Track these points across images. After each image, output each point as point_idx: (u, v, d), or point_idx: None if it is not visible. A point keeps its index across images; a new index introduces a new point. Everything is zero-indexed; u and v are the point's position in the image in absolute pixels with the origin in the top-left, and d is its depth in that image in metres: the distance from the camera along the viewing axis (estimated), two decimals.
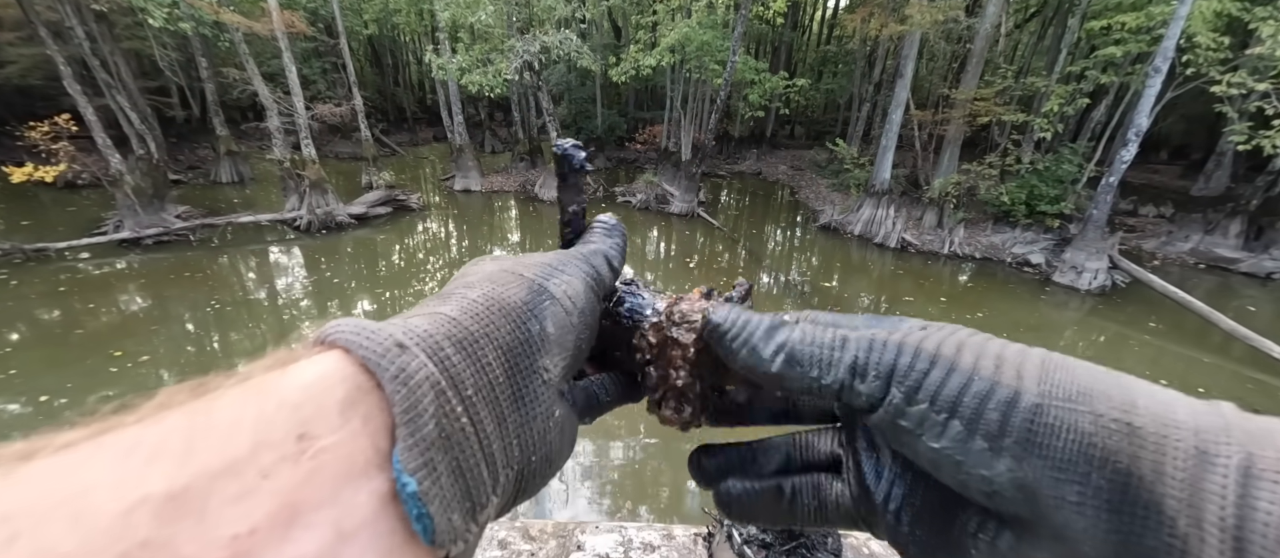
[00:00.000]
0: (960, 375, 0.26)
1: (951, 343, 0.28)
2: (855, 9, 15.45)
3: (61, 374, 5.95)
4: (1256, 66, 9.50)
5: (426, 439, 0.21)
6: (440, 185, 16.88)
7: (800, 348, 0.30)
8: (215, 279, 8.91)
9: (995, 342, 0.28)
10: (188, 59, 16.86)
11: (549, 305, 0.30)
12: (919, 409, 0.27)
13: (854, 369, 0.29)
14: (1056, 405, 0.24)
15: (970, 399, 0.26)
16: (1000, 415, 0.25)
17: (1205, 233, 12.08)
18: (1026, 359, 0.27)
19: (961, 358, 0.27)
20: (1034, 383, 0.25)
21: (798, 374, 0.30)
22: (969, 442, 0.26)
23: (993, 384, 0.26)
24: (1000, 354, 0.27)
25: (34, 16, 9.19)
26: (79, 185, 13.26)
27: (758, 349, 0.31)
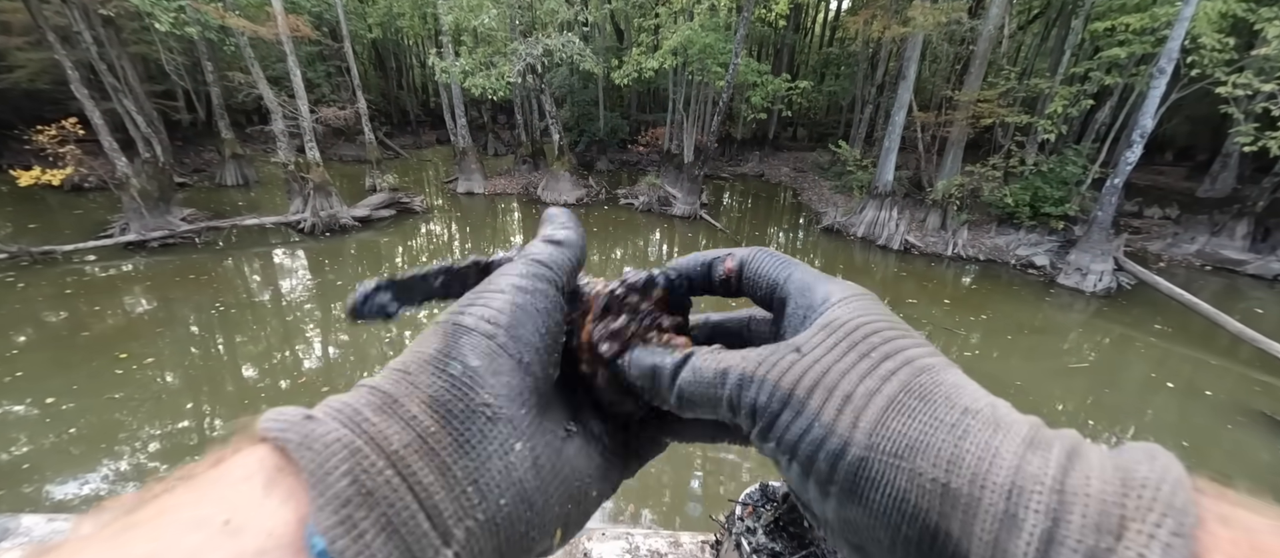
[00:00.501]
0: (803, 420, 0.27)
1: (809, 378, 0.28)
2: (857, 11, 15.46)
3: (67, 376, 5.98)
4: (1262, 68, 9.46)
5: (340, 497, 0.21)
6: (443, 188, 16.94)
7: (689, 389, 0.32)
8: (220, 282, 8.96)
9: (863, 373, 0.28)
10: (194, 63, 17.01)
11: (465, 340, 0.29)
12: (769, 447, 0.29)
13: (731, 405, 0.30)
14: (880, 460, 0.25)
15: (806, 446, 0.27)
16: (828, 466, 0.26)
17: (1211, 235, 11.99)
18: (873, 402, 0.26)
19: (811, 400, 0.27)
20: (866, 434, 0.26)
21: (697, 410, 0.32)
22: (804, 482, 0.28)
23: (826, 433, 0.26)
24: (849, 395, 0.27)
25: (42, 22, 9.28)
26: (86, 188, 13.37)
27: (662, 395, 0.33)
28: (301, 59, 14.86)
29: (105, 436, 5.18)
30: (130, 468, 4.82)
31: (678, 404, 0.33)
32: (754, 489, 1.37)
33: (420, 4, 19.05)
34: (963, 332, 8.29)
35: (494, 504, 0.26)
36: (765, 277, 0.37)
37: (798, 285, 0.35)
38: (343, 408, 0.25)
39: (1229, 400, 6.65)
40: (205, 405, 5.81)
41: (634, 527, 4.43)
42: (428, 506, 0.24)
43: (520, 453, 0.28)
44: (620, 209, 14.84)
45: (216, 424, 5.55)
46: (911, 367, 0.28)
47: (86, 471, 4.75)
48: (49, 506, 4.39)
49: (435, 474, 0.25)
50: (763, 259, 0.38)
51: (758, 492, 1.36)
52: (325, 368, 6.69)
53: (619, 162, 20.89)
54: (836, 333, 0.30)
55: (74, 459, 4.86)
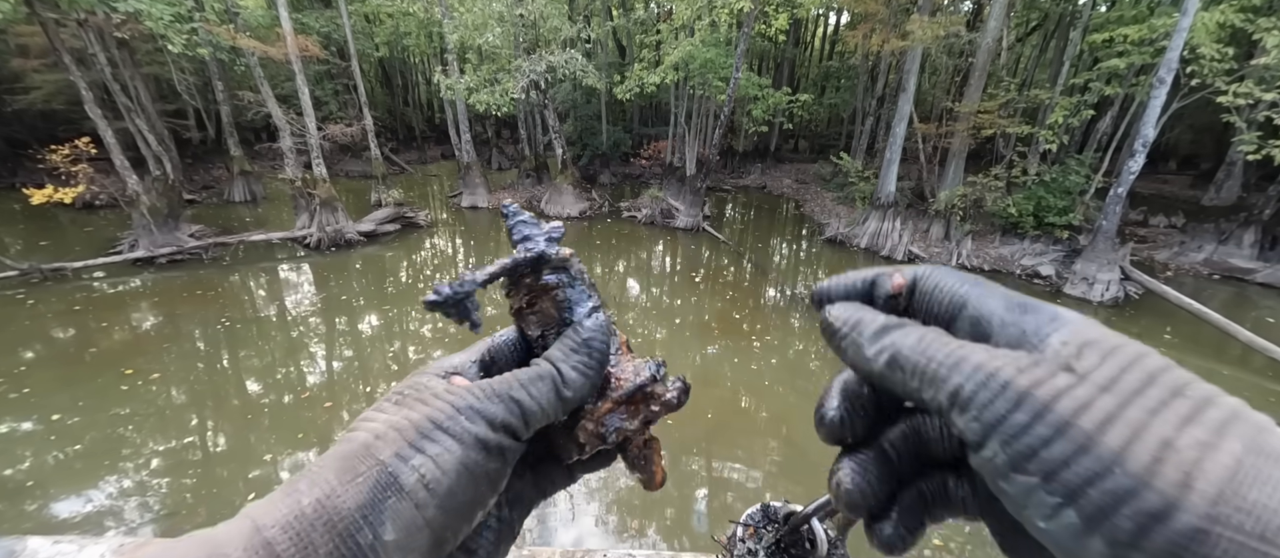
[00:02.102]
0: (1093, 460, 0.21)
1: (1099, 409, 0.21)
2: (857, 25, 15.64)
3: (74, 392, 6.01)
4: (1263, 76, 9.48)
5: None
6: (448, 202, 17.08)
7: (907, 355, 0.27)
8: (226, 297, 9.02)
9: (1181, 418, 0.21)
10: (205, 83, 17.36)
11: (392, 504, 0.26)
12: (1025, 482, 0.22)
13: (954, 398, 0.24)
14: (1229, 538, 0.18)
15: (1099, 495, 0.20)
16: (1136, 527, 0.20)
17: (1219, 243, 11.91)
18: (1212, 458, 0.20)
19: (1106, 437, 0.21)
20: (1206, 501, 0.19)
21: (898, 380, 0.27)
22: (1086, 538, 0.21)
23: (1138, 484, 0.20)
24: (1170, 442, 0.20)
25: (59, 44, 9.52)
26: (97, 206, 13.57)
27: (861, 347, 0.29)
28: (310, 78, 15.15)
29: (109, 452, 5.17)
30: (133, 485, 4.81)
31: (879, 368, 0.28)
32: (755, 510, 1.35)
33: (426, 23, 19.43)
34: None
35: None
36: (947, 292, 0.30)
37: (999, 304, 0.28)
38: (251, 530, 0.23)
39: None
40: (209, 421, 5.81)
41: (636, 549, 4.37)
42: None
43: None
44: (623, 222, 14.91)
45: (220, 441, 5.54)
46: (1246, 421, 0.21)
47: (90, 488, 4.74)
48: (52, 523, 4.37)
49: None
50: (942, 274, 0.32)
51: (759, 512, 1.34)
52: (329, 383, 6.69)
53: (622, 175, 21.04)
54: (1117, 357, 0.23)
55: (78, 476, 4.86)
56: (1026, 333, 0.26)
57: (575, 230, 14.13)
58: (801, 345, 8.10)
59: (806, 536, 0.59)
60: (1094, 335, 0.24)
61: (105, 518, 4.45)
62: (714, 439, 5.67)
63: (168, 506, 4.60)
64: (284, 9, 11.31)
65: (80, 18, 10.07)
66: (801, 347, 8.07)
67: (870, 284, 0.34)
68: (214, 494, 4.74)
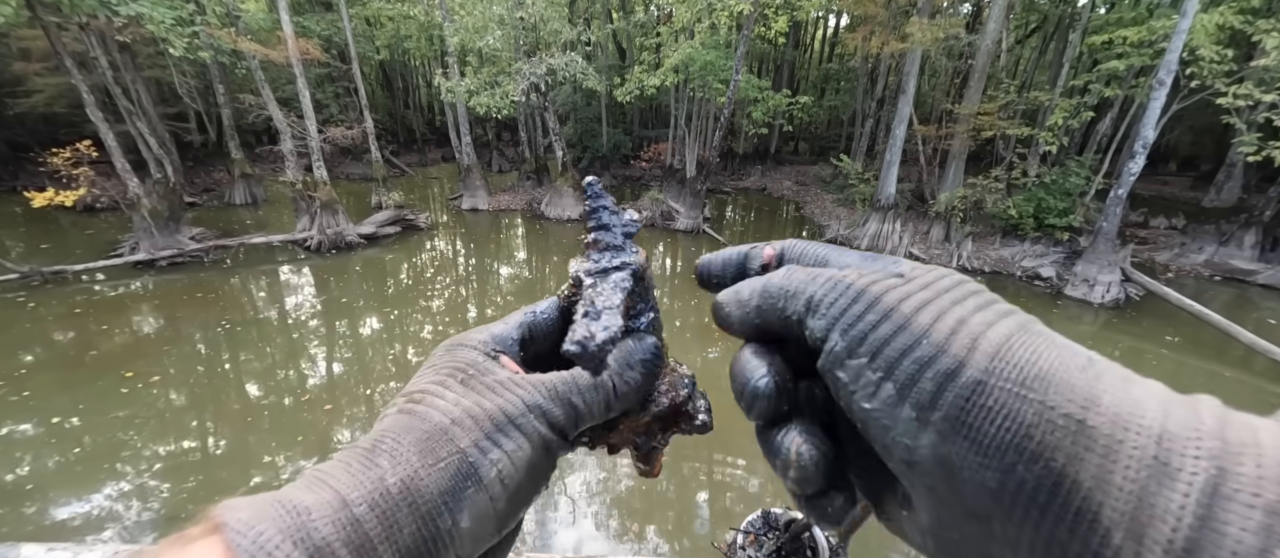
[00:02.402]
0: (908, 335, 0.25)
1: (916, 299, 0.26)
2: (856, 28, 15.67)
3: (74, 395, 6.00)
4: (1262, 78, 9.48)
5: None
6: (448, 204, 17.10)
7: (775, 284, 0.31)
8: (227, 300, 9.02)
9: (976, 306, 0.26)
10: (206, 86, 17.41)
11: (471, 495, 0.27)
12: (857, 364, 0.26)
13: (809, 304, 0.29)
14: (1001, 387, 0.22)
15: (909, 364, 0.24)
16: (935, 386, 0.24)
17: (1220, 244, 11.90)
18: (992, 330, 0.24)
19: (919, 317, 0.25)
20: (985, 358, 0.23)
21: (771, 307, 0.31)
22: (898, 408, 0.25)
23: (937, 351, 0.24)
24: (964, 320, 0.25)
25: (61, 48, 9.55)
26: (98, 209, 13.59)
27: (739, 295, 0.33)
28: (310, 81, 15.18)
29: (109, 455, 5.17)
30: (133, 488, 4.81)
31: (754, 303, 0.32)
32: (756, 517, 1.34)
33: (427, 26, 19.49)
34: None
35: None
36: (810, 256, 0.34)
37: (854, 257, 0.32)
38: (321, 547, 0.23)
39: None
40: (209, 423, 5.80)
41: (637, 555, 4.35)
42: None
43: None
44: None
45: (220, 443, 5.53)
46: (1022, 315, 0.26)
47: (89, 491, 4.73)
48: (51, 527, 4.37)
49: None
50: (805, 245, 0.36)
51: (759, 519, 1.33)
52: (330, 384, 6.68)
53: (622, 177, 21.06)
54: (932, 273, 0.28)
55: (77, 479, 4.85)
56: (872, 268, 0.31)
57: (576, 232, 14.14)
58: None
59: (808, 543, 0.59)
60: (922, 269, 0.29)
61: (105, 521, 4.44)
62: (714, 443, 5.66)
63: (168, 509, 4.59)
64: (285, 12, 11.34)
65: (82, 21, 10.10)
66: None
67: (744, 257, 0.38)
68: (214, 497, 4.70)
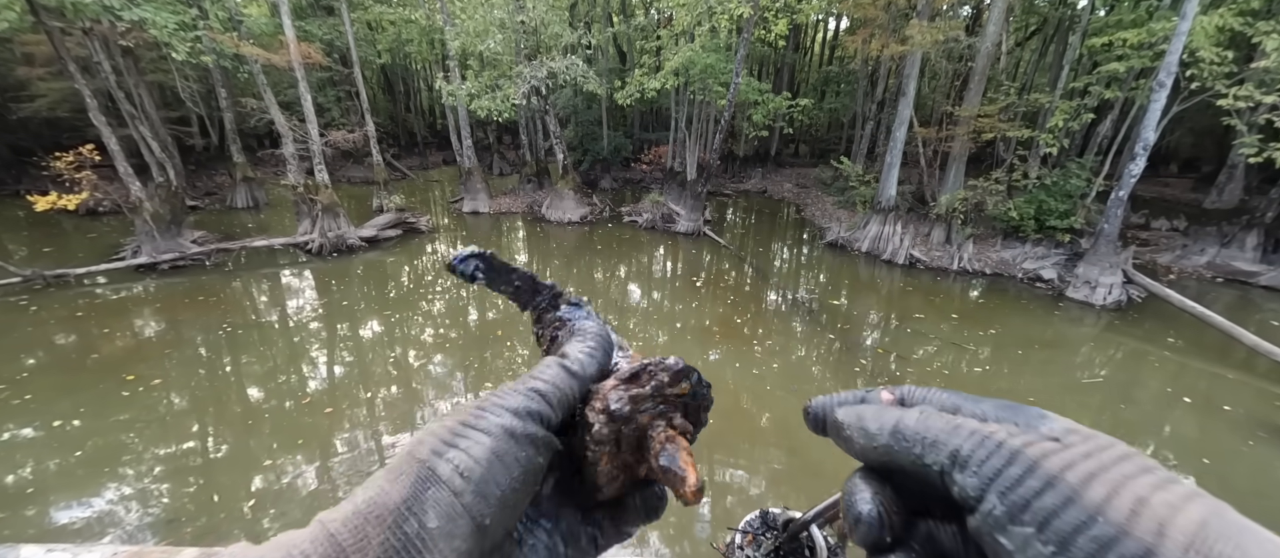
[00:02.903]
0: (1079, 510, 0.24)
1: (1082, 470, 0.25)
2: (856, 31, 15.71)
3: (75, 399, 6.01)
4: (1262, 80, 9.48)
5: None
6: (449, 208, 17.13)
7: (909, 426, 0.30)
8: (228, 303, 9.04)
9: (1153, 485, 0.24)
10: (208, 90, 17.48)
11: (432, 495, 0.28)
12: (1023, 532, 0.25)
13: (955, 458, 0.28)
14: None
15: (1087, 542, 0.23)
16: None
17: (1221, 246, 11.88)
18: (1181, 515, 0.22)
19: (1090, 490, 0.24)
20: (1179, 548, 0.22)
21: (903, 449, 0.30)
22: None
23: (1120, 532, 0.23)
24: (1144, 499, 0.23)
25: (64, 53, 9.60)
26: (100, 212, 13.63)
27: (867, 428, 0.32)
28: (312, 85, 15.25)
29: (110, 458, 5.17)
30: (134, 491, 4.80)
31: (883, 440, 0.31)
32: (754, 517, 1.33)
33: (428, 30, 19.58)
34: (972, 347, 8.19)
35: None
36: (937, 402, 0.33)
37: (990, 406, 0.32)
38: (292, 547, 0.26)
39: (1249, 416, 6.49)
40: (210, 427, 5.80)
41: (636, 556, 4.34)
42: None
43: None
44: (624, 227, 14.93)
45: (221, 447, 5.53)
46: (1210, 497, 0.24)
47: (90, 494, 4.73)
48: (52, 530, 4.36)
49: None
50: (927, 391, 0.35)
51: (758, 519, 1.32)
52: (330, 388, 6.68)
53: (622, 180, 21.09)
54: (1094, 441, 0.27)
55: (78, 482, 4.85)
56: (1017, 424, 0.30)
57: (576, 235, 14.16)
58: (804, 351, 8.08)
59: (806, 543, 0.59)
60: (1077, 425, 0.28)
61: (105, 525, 4.43)
62: (715, 444, 5.64)
63: (168, 512, 4.59)
64: (287, 17, 11.40)
65: (86, 26, 10.16)
66: (803, 352, 8.05)
67: (861, 399, 0.36)
68: (214, 501, 4.73)
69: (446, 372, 7.16)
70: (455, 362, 7.42)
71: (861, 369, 7.32)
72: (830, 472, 5.21)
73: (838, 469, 5.25)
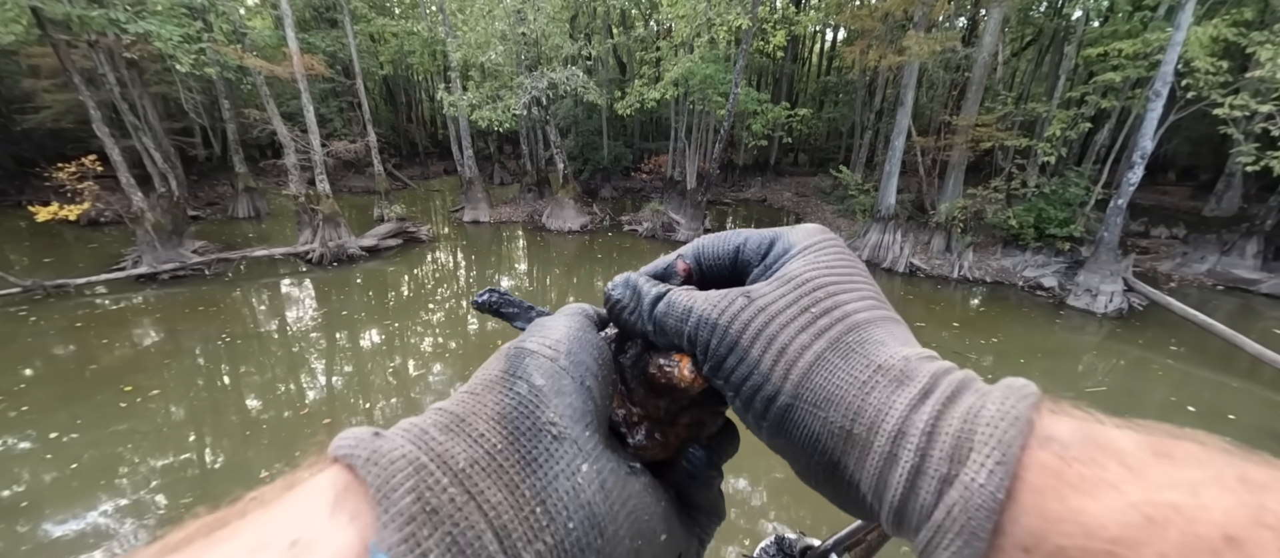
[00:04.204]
0: (744, 367, 0.32)
1: (754, 327, 0.33)
2: (854, 41, 15.87)
3: (72, 410, 5.98)
4: (1258, 89, 9.54)
5: (403, 514, 0.21)
6: (450, 217, 17.17)
7: (661, 319, 0.36)
8: (228, 312, 9.02)
9: (799, 328, 0.32)
10: (211, 101, 17.62)
11: (529, 360, 0.31)
12: (717, 383, 0.34)
13: (690, 340, 0.35)
14: (802, 408, 0.31)
15: (746, 389, 0.32)
16: (763, 407, 0.32)
17: (1222, 254, 11.87)
18: (804, 356, 0.31)
19: (752, 350, 0.32)
20: (793, 386, 0.31)
21: (664, 340, 0.36)
22: (745, 414, 0.34)
23: (763, 381, 0.32)
24: (785, 347, 0.32)
25: (70, 65, 9.69)
26: (101, 223, 13.67)
27: (642, 319, 0.37)
28: (315, 96, 15.36)
29: (106, 470, 5.12)
30: (130, 504, 4.76)
31: (652, 330, 0.36)
32: (769, 543, 1.31)
33: (430, 42, 19.77)
34: (974, 355, 8.16)
35: (562, 527, 0.25)
36: (719, 254, 0.40)
37: (757, 244, 0.39)
38: (410, 428, 0.25)
39: (1255, 424, 6.44)
40: (207, 437, 5.76)
41: None
42: (496, 526, 0.23)
43: (587, 474, 0.27)
44: (624, 236, 14.95)
45: (219, 458, 5.49)
46: (844, 323, 0.32)
47: (85, 507, 4.68)
48: (46, 543, 4.31)
49: (504, 493, 0.24)
50: (707, 242, 0.41)
51: (773, 546, 1.29)
52: (329, 398, 6.65)
53: (623, 189, 21.16)
54: (789, 283, 0.34)
55: (73, 494, 4.80)
56: (768, 267, 0.38)
57: (577, 244, 14.18)
58: None
59: None
60: (793, 269, 0.35)
61: (101, 538, 4.38)
62: None
63: (164, 524, 4.53)
64: (291, 29, 11.53)
65: (91, 39, 10.27)
66: None
67: (665, 270, 0.41)
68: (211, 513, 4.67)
69: (446, 382, 7.13)
70: (455, 372, 7.38)
71: None
72: None
73: None
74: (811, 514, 4.82)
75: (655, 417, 0.36)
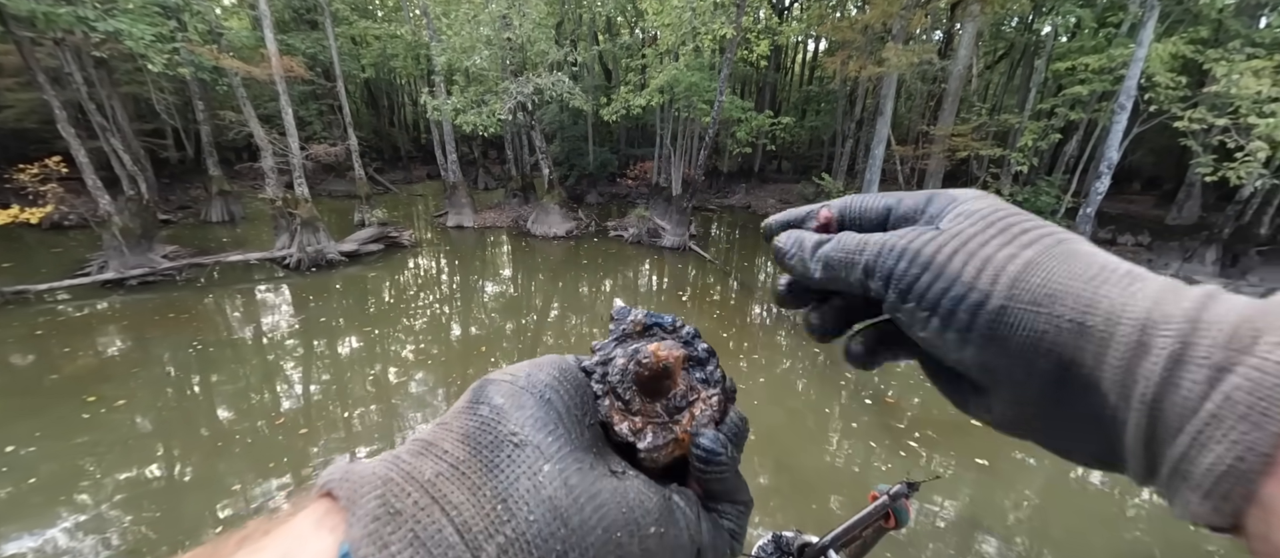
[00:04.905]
0: (943, 281, 0.31)
1: (949, 247, 0.32)
2: (835, 52, 16.22)
3: (31, 422, 5.70)
4: (1214, 103, 10.04)
5: (368, 514, 0.24)
6: (433, 222, 16.95)
7: (833, 257, 0.37)
8: (200, 320, 8.74)
9: (1000, 244, 0.31)
10: (185, 102, 17.14)
11: (490, 387, 0.32)
12: (908, 307, 0.33)
13: (867, 271, 0.35)
14: (1019, 308, 0.29)
15: (947, 301, 0.31)
16: (969, 316, 0.31)
17: (1183, 261, 12.40)
18: (1012, 263, 0.30)
19: (950, 264, 0.31)
20: (1005, 288, 0.30)
21: (832, 275, 0.37)
22: (944, 333, 0.32)
23: (968, 289, 0.31)
24: (989, 257, 0.31)
25: (34, 63, 9.33)
26: (65, 226, 13.14)
27: (806, 262, 0.38)
28: (294, 98, 15.06)
29: (67, 484, 4.89)
30: (90, 520, 4.54)
31: (820, 271, 0.37)
32: (767, 541, 1.31)
33: (413, 46, 19.59)
34: None
35: (523, 520, 0.26)
36: (871, 210, 0.39)
37: (913, 203, 0.38)
38: (384, 455, 0.28)
39: None
40: (176, 450, 5.55)
41: None
42: (457, 522, 0.25)
43: (549, 473, 0.28)
44: (610, 241, 14.95)
45: (187, 470, 5.28)
46: (1050, 238, 0.31)
47: (44, 524, 4.46)
48: None
49: (466, 494, 0.26)
50: (853, 198, 0.41)
51: (770, 544, 1.29)
52: (306, 407, 6.47)
53: (608, 194, 21.18)
54: (973, 217, 0.33)
55: (32, 510, 4.57)
56: (937, 215, 0.36)
57: (562, 249, 14.12)
58: (788, 364, 8.13)
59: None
60: (971, 206, 0.34)
61: (59, 556, 4.18)
62: None
63: (127, 541, 4.34)
64: (269, 30, 11.30)
65: (57, 37, 9.92)
66: (788, 364, 8.09)
67: (803, 218, 0.42)
68: (178, 528, 4.50)
69: (428, 390, 7.00)
70: (437, 379, 7.26)
71: (846, 382, 7.37)
72: (819, 486, 5.21)
73: (828, 485, 5.25)
74: (797, 517, 4.86)
75: (657, 419, 0.35)
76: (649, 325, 0.39)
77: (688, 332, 0.40)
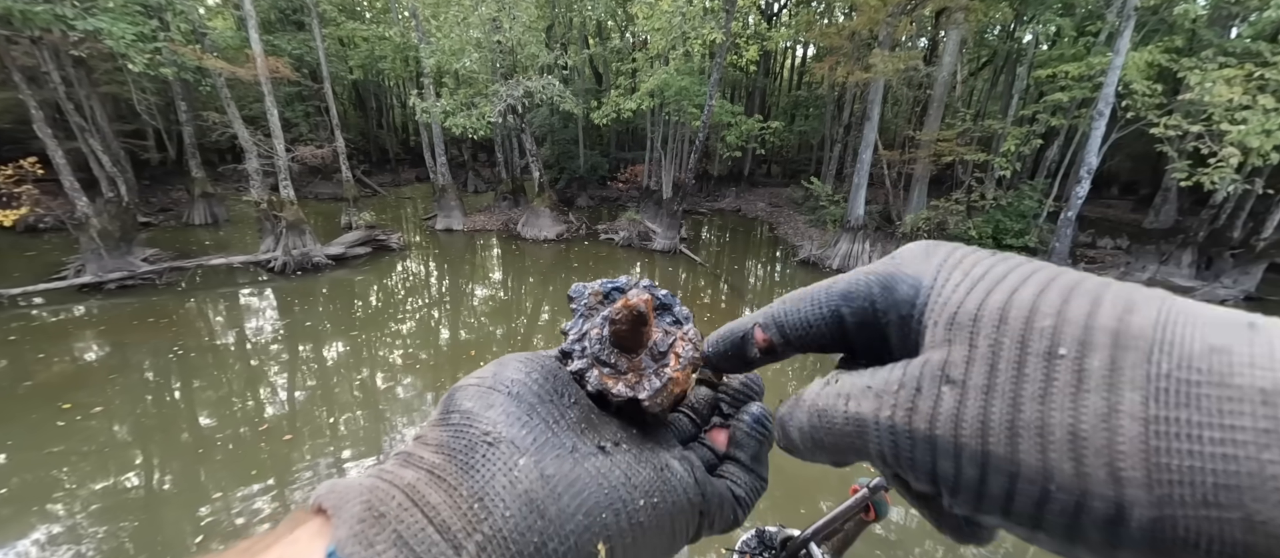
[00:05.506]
0: (1028, 486, 0.20)
1: (995, 417, 0.21)
2: (823, 58, 16.42)
3: (1, 431, 5.53)
4: (1188, 110, 10.34)
5: (354, 517, 0.25)
6: (422, 225, 16.80)
7: (820, 437, 0.28)
8: (181, 324, 8.55)
9: (1059, 376, 0.20)
10: (167, 103, 16.81)
11: (459, 393, 0.33)
12: (993, 520, 0.22)
13: (885, 461, 0.25)
14: (1184, 518, 0.17)
15: (1055, 518, 0.20)
16: (1105, 535, 0.19)
17: (1160, 263, 12.71)
18: (1117, 433, 0.19)
19: (1020, 453, 0.20)
20: (1142, 488, 0.18)
21: (834, 460, 0.30)
22: (1069, 547, 0.20)
23: (1077, 498, 0.19)
24: (1073, 428, 0.19)
25: (10, 62, 9.10)
26: (41, 229, 12.80)
27: (791, 441, 0.31)
28: (280, 99, 14.86)
29: (40, 495, 4.75)
30: (64, 531, 4.41)
31: (813, 453, 0.30)
32: (751, 536, 1.32)
33: (402, 48, 19.44)
34: None
35: (500, 516, 0.27)
36: (815, 320, 0.30)
37: (864, 295, 0.29)
38: (370, 468, 0.30)
39: None
40: (155, 458, 5.41)
41: None
42: (436, 522, 0.26)
43: (525, 467, 0.29)
44: (600, 244, 14.93)
45: (166, 479, 5.16)
46: (1133, 349, 0.19)
47: (15, 535, 4.32)
48: None
49: (443, 495, 0.27)
50: (789, 304, 0.32)
51: (754, 539, 1.30)
52: (291, 413, 6.35)
53: (599, 198, 21.17)
54: (977, 332, 0.22)
55: (2, 522, 4.43)
56: (905, 308, 0.27)
57: (553, 252, 14.07)
58: (778, 366, 8.18)
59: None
60: (951, 301, 0.25)
61: None
62: None
63: (103, 552, 4.22)
64: (254, 31, 11.14)
65: (34, 35, 9.68)
66: (778, 367, 8.14)
67: (740, 339, 0.35)
68: (156, 538, 4.38)
69: (416, 395, 6.92)
70: (426, 383, 7.18)
71: None
72: (803, 484, 5.23)
73: (810, 481, 5.27)
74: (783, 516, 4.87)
75: (647, 370, 0.36)
76: (606, 293, 0.40)
77: (646, 282, 0.39)
